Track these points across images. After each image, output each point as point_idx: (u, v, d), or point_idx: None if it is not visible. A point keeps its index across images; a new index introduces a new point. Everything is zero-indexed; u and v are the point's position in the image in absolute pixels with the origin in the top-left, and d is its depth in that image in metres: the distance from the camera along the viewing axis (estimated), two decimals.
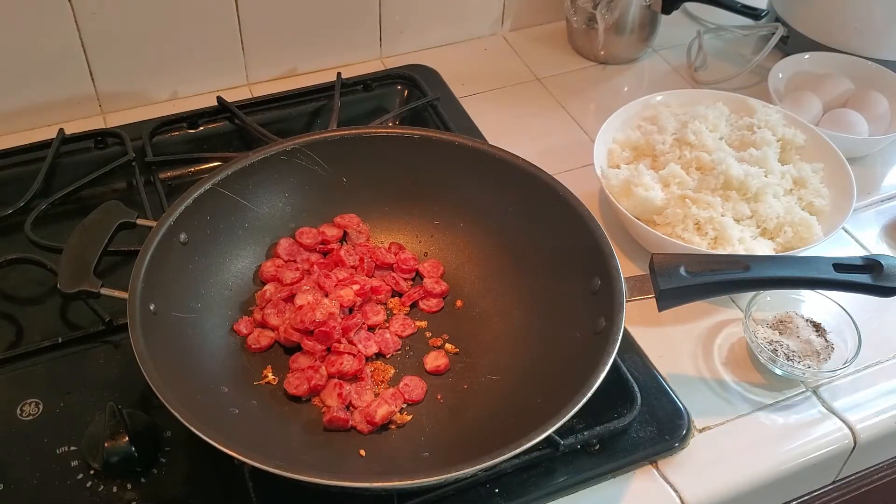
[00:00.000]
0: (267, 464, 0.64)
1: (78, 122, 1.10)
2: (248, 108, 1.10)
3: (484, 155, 0.90)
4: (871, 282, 0.76)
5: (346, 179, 0.92)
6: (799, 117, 1.04)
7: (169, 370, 0.70)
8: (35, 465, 0.74)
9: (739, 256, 0.81)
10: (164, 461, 0.75)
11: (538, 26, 1.33)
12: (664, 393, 0.83)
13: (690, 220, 0.92)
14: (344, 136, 0.91)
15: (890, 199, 1.07)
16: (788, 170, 0.98)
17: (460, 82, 1.20)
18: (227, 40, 1.14)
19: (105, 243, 0.80)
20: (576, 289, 0.81)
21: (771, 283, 0.77)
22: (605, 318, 0.75)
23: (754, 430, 0.81)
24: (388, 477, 0.66)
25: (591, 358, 0.72)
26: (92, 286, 0.76)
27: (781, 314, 0.89)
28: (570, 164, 1.07)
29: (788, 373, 0.84)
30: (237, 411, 0.76)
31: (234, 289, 0.87)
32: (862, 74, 1.16)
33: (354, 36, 1.21)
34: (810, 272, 0.76)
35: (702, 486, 0.77)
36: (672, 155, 0.99)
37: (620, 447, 0.78)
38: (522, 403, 0.77)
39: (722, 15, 1.26)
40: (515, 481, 0.75)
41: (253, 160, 0.87)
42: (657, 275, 0.77)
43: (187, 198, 0.82)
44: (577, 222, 0.83)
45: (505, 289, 0.89)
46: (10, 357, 0.83)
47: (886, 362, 0.88)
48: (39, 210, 0.94)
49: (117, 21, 1.06)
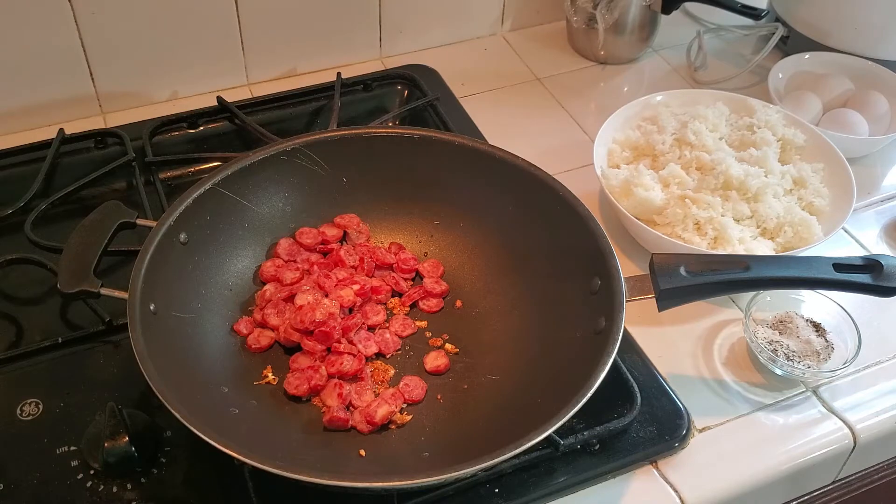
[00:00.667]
0: (267, 464, 0.64)
1: (78, 122, 1.10)
2: (248, 108, 1.10)
3: (484, 155, 0.90)
4: (871, 282, 0.76)
5: (345, 179, 0.92)
6: (799, 117, 1.04)
7: (169, 370, 0.70)
8: (35, 465, 0.74)
9: (739, 256, 0.81)
10: (164, 461, 0.75)
11: (538, 26, 1.33)
12: (664, 393, 0.83)
13: (690, 220, 0.92)
14: (344, 135, 0.92)
15: (890, 199, 1.07)
16: (788, 170, 0.98)
17: (460, 82, 1.20)
18: (227, 40, 1.14)
19: (105, 243, 0.79)
20: (576, 289, 0.81)
21: (771, 283, 0.77)
22: (606, 318, 0.75)
23: (754, 430, 0.81)
24: (388, 477, 0.66)
25: (591, 358, 0.72)
26: (92, 286, 0.76)
27: (781, 314, 0.89)
28: (570, 164, 1.07)
29: (788, 373, 0.84)
30: (237, 411, 0.76)
31: (234, 289, 0.87)
32: (862, 74, 1.16)
33: (354, 36, 1.21)
34: (810, 272, 0.76)
35: (702, 486, 0.77)
36: (672, 155, 0.99)
37: (620, 447, 0.78)
38: (522, 403, 0.77)
39: (722, 15, 1.26)
40: (515, 481, 0.75)
41: (253, 160, 0.87)
42: (657, 275, 0.77)
43: (187, 198, 0.82)
44: (577, 222, 0.83)
45: (505, 289, 0.89)
46: (10, 357, 0.83)
47: (886, 362, 0.88)
48: (39, 210, 0.94)
49: (117, 21, 1.06)
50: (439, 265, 0.92)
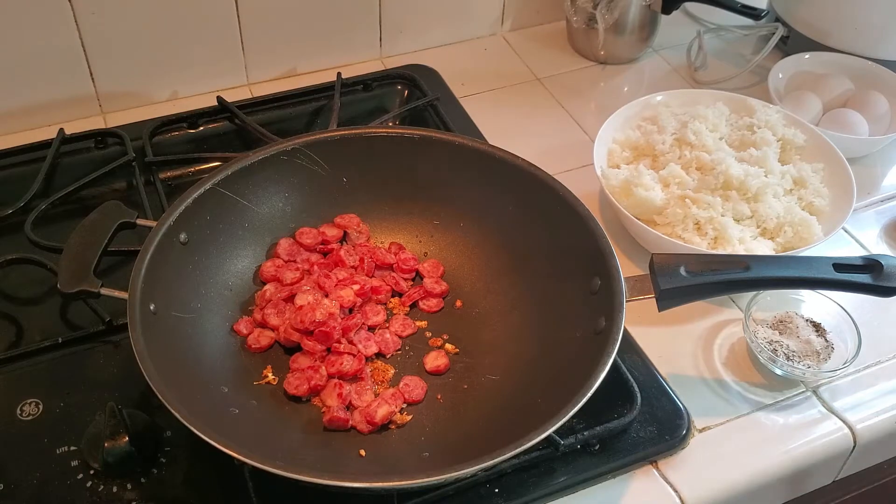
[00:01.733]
0: (267, 464, 0.64)
1: (78, 122, 1.10)
2: (248, 108, 1.10)
3: (484, 155, 0.90)
4: (871, 282, 0.76)
5: (345, 179, 0.92)
6: (799, 117, 1.04)
7: (169, 370, 0.70)
8: (35, 465, 0.74)
9: (739, 256, 0.81)
10: (164, 461, 0.75)
11: (538, 26, 1.33)
12: (664, 393, 0.83)
13: (690, 220, 0.92)
14: (344, 135, 0.92)
15: (890, 199, 1.07)
16: (788, 170, 0.98)
17: (460, 82, 1.20)
18: (227, 40, 1.14)
19: (105, 243, 0.79)
20: (576, 289, 0.81)
21: (771, 283, 0.77)
22: (606, 318, 0.75)
23: (754, 430, 0.81)
24: (388, 477, 0.66)
25: (591, 358, 0.72)
26: (92, 286, 0.76)
27: (781, 314, 0.89)
28: (570, 164, 1.07)
29: (788, 373, 0.84)
30: (237, 411, 0.76)
31: (234, 289, 0.87)
32: (862, 74, 1.16)
33: (354, 36, 1.21)
34: (810, 272, 0.76)
35: (702, 486, 0.77)
36: (672, 155, 0.99)
37: (620, 447, 0.78)
38: (522, 403, 0.77)
39: (722, 15, 1.26)
40: (515, 481, 0.75)
41: (253, 160, 0.87)
42: (657, 275, 0.77)
43: (187, 198, 0.82)
44: (577, 222, 0.83)
45: (505, 289, 0.89)
46: (10, 357, 0.83)
47: (886, 362, 0.88)
48: (39, 210, 0.94)
49: (117, 21, 1.06)
50: (439, 265, 0.92)
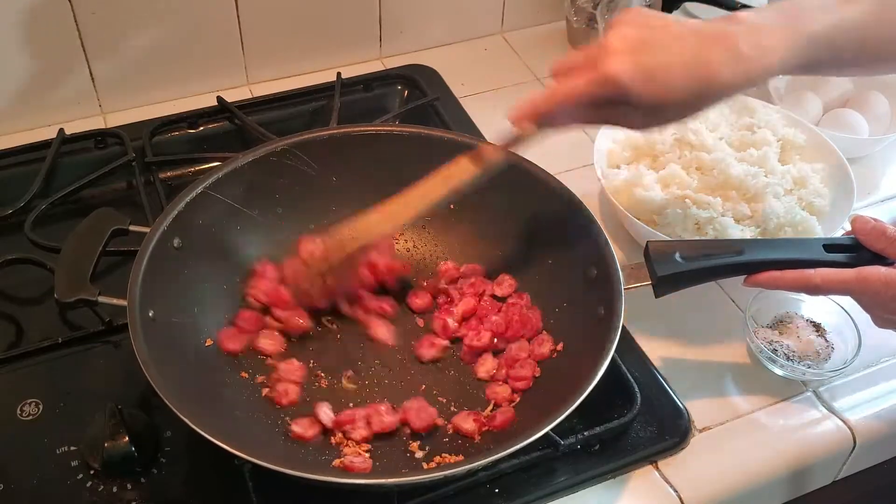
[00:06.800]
0: (267, 462, 0.64)
1: (78, 122, 1.10)
2: (248, 108, 1.10)
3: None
4: (860, 262, 0.75)
5: (335, 178, 0.91)
6: (799, 117, 1.04)
7: (171, 374, 0.70)
8: (35, 465, 0.74)
9: (733, 241, 0.81)
10: (164, 461, 0.75)
11: (538, 26, 1.33)
12: (664, 393, 0.83)
13: (690, 220, 0.92)
14: (333, 134, 0.91)
15: (890, 199, 1.07)
16: (788, 170, 0.98)
17: (460, 82, 1.20)
18: (227, 40, 1.14)
19: (99, 250, 0.79)
20: (574, 285, 0.82)
21: (764, 266, 0.76)
22: (605, 307, 0.76)
23: (754, 430, 0.81)
24: (387, 476, 0.66)
25: (592, 348, 0.72)
26: (90, 294, 0.76)
27: (781, 314, 0.89)
28: (570, 164, 1.07)
29: (788, 373, 0.84)
30: (237, 412, 0.76)
31: (232, 290, 0.87)
32: None
33: (354, 36, 1.21)
34: (802, 253, 0.76)
35: (702, 486, 0.77)
36: (672, 155, 0.99)
37: (620, 447, 0.78)
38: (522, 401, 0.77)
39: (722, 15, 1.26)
40: (515, 481, 0.75)
41: (242, 162, 0.86)
42: (653, 262, 0.77)
43: (179, 203, 0.81)
44: (577, 222, 0.83)
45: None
46: (10, 357, 0.83)
47: (886, 362, 0.88)
48: (39, 210, 0.94)
49: (117, 20, 1.06)
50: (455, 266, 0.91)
